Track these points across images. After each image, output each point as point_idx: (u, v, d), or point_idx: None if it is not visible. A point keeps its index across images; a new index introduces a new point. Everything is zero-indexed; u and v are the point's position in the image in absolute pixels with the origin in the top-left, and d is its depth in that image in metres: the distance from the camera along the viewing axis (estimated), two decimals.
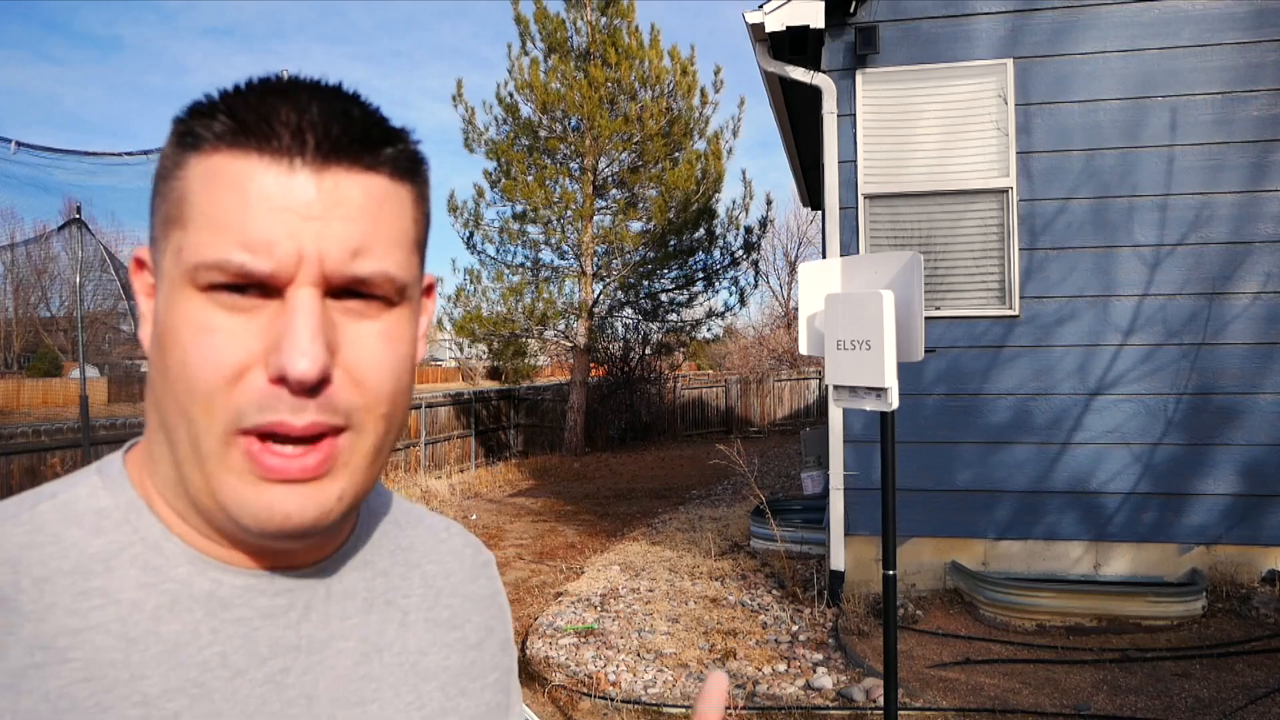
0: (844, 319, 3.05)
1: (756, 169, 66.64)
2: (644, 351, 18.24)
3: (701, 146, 16.08)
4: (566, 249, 16.15)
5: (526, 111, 15.37)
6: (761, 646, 4.99)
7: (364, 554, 0.65)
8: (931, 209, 5.53)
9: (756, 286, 21.70)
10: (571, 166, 15.76)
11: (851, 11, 5.53)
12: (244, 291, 0.51)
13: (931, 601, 5.39)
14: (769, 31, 5.50)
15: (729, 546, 7.47)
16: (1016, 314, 5.45)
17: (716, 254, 17.10)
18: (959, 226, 5.51)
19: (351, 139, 0.53)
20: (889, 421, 3.03)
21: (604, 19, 15.39)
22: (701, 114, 15.88)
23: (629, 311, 17.49)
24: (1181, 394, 5.29)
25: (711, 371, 26.30)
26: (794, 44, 5.66)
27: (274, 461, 0.52)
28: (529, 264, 16.34)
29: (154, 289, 0.57)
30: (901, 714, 3.86)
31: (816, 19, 5.43)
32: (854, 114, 5.57)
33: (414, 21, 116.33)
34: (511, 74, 15.40)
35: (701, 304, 17.88)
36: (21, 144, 7.17)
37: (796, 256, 36.20)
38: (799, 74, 5.67)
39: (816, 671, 4.54)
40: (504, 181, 15.42)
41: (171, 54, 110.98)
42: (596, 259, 16.23)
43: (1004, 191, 5.44)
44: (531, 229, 16.08)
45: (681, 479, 12.46)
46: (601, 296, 16.54)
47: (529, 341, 17.20)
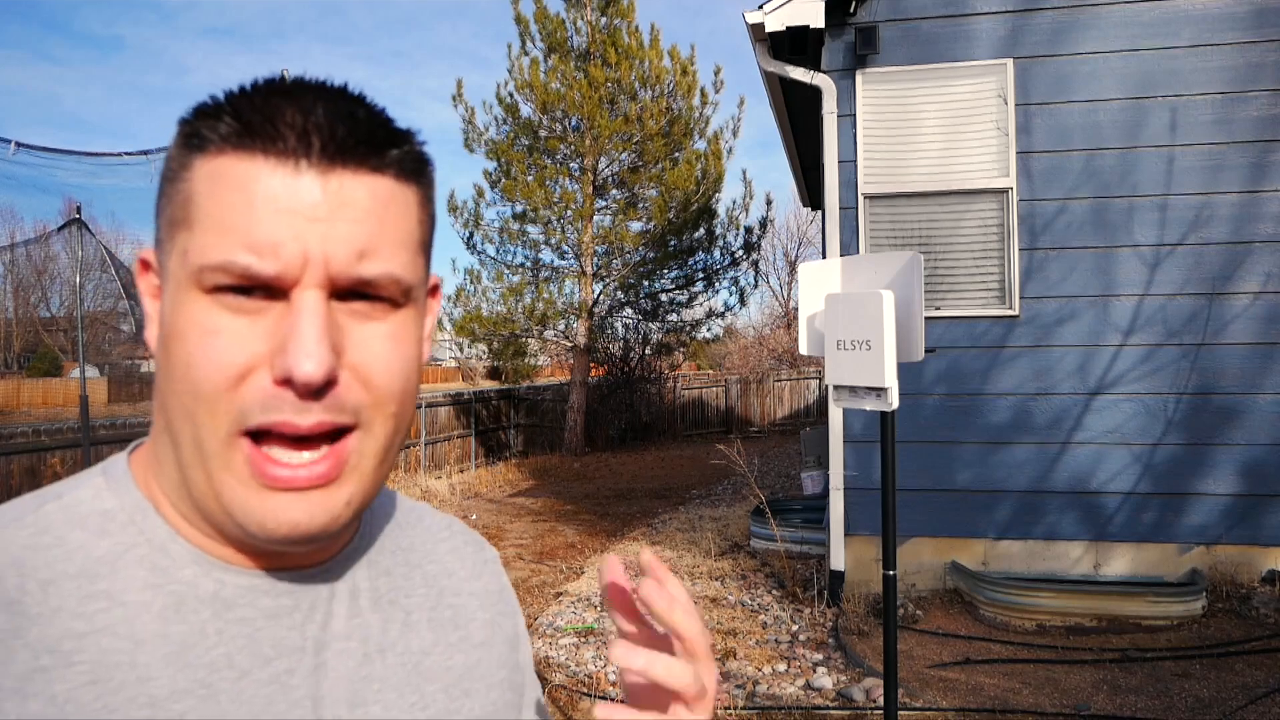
0: (844, 319, 3.05)
1: (756, 169, 66.71)
2: (644, 351, 18.23)
3: (701, 146, 16.07)
4: (566, 249, 16.15)
5: (526, 111, 15.38)
6: (761, 646, 5.00)
7: (367, 554, 0.65)
8: (931, 209, 5.53)
9: (756, 286, 21.75)
10: (571, 166, 15.76)
11: (851, 11, 5.53)
12: (250, 293, 0.51)
13: (931, 601, 5.39)
14: (769, 31, 5.50)
15: (729, 546, 7.47)
16: (1016, 314, 5.45)
17: (716, 254, 17.12)
18: (959, 226, 5.51)
19: (357, 140, 0.53)
20: (889, 421, 3.03)
21: (604, 19, 15.38)
22: (701, 114, 15.88)
23: (629, 311, 17.49)
24: (1181, 394, 5.29)
25: (711, 371, 26.28)
26: (794, 44, 5.66)
27: (280, 473, 0.52)
28: (529, 264, 16.34)
29: (159, 291, 0.56)
30: (901, 714, 3.86)
31: (816, 19, 5.43)
32: (854, 114, 5.57)
33: (414, 21, 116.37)
34: (511, 74, 15.40)
35: (701, 304, 17.89)
36: (21, 144, 7.18)
37: (796, 256, 36.22)
38: (799, 74, 5.67)
39: (816, 671, 4.54)
40: (504, 181, 15.41)
41: (171, 54, 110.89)
42: (596, 259, 16.22)
43: (1004, 191, 5.44)
44: (531, 229, 16.08)
45: (681, 479, 12.45)
46: (601, 296, 16.53)
47: (529, 341, 17.19)
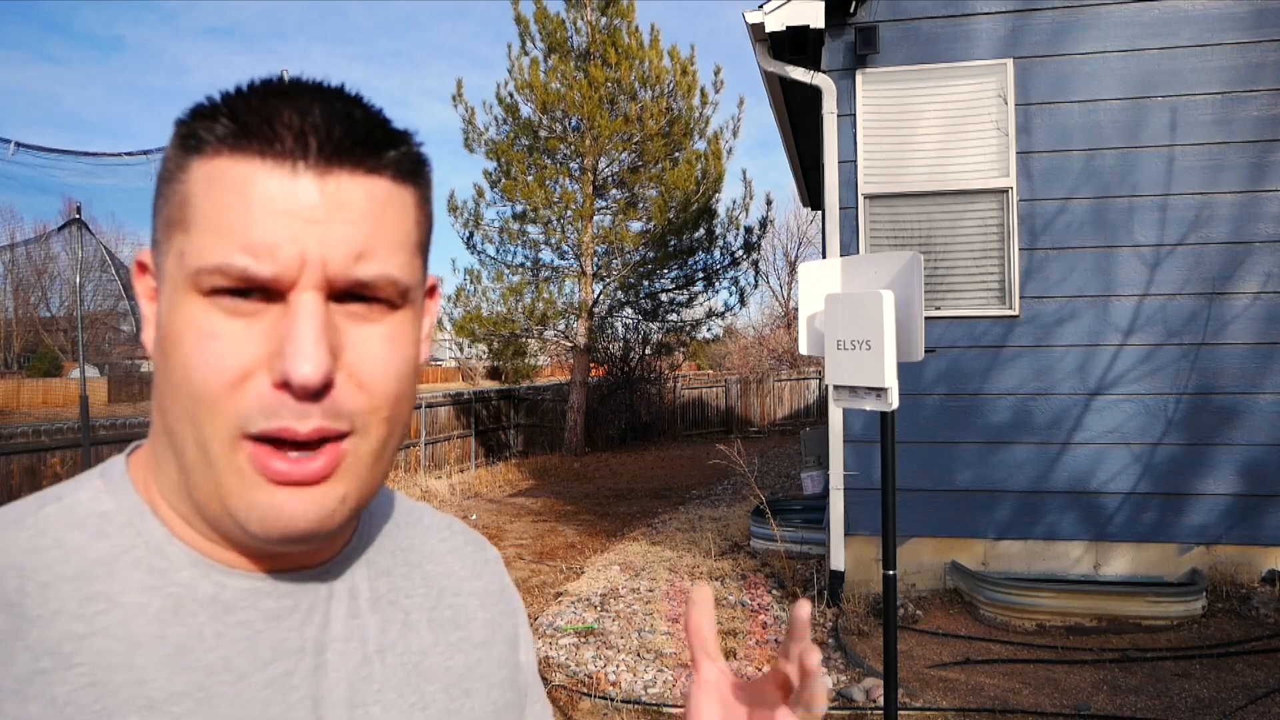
0: (844, 319, 3.04)
1: (756, 169, 66.68)
2: (644, 351, 18.23)
3: (701, 146, 16.07)
4: (566, 249, 16.14)
5: (526, 111, 15.37)
6: (761, 646, 4.99)
7: (366, 555, 0.65)
8: (931, 209, 5.53)
9: (756, 286, 21.75)
10: (571, 166, 15.75)
11: (851, 11, 5.53)
12: (247, 296, 0.51)
13: (931, 601, 5.39)
14: (769, 31, 5.50)
15: (729, 546, 7.47)
16: (1016, 314, 5.45)
17: (716, 254, 17.11)
18: (959, 226, 5.51)
19: (354, 141, 0.52)
20: (889, 421, 3.03)
21: (604, 19, 15.38)
22: (701, 114, 15.87)
23: (629, 311, 17.49)
24: (1181, 394, 5.29)
25: (711, 371, 26.28)
26: (794, 44, 5.66)
27: (280, 465, 0.52)
28: (529, 264, 16.34)
29: (156, 292, 0.56)
30: (901, 714, 3.86)
31: (816, 19, 5.43)
32: (854, 114, 5.57)
33: (414, 21, 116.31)
34: (511, 74, 15.40)
35: (701, 304, 17.89)
36: (21, 144, 7.18)
37: (796, 256, 36.21)
38: (799, 74, 5.67)
39: None
40: (504, 181, 15.41)
41: (171, 54, 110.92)
42: (596, 259, 16.22)
43: (1004, 191, 5.44)
44: (531, 229, 16.08)
45: (681, 479, 12.45)
46: (601, 296, 16.53)
47: (529, 341, 17.19)
